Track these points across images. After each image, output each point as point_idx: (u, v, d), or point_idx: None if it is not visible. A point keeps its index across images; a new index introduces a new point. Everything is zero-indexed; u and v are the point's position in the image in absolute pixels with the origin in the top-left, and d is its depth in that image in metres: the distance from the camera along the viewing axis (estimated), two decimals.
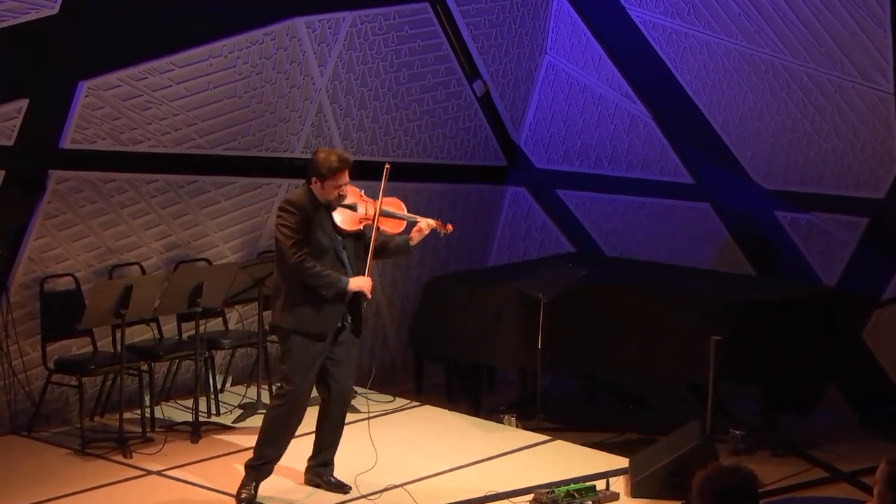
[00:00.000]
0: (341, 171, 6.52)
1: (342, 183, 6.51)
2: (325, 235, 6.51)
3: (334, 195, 6.52)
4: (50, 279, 8.10)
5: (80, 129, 8.12)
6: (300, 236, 6.49)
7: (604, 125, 10.08)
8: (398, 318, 10.05)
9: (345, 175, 6.54)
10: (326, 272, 6.51)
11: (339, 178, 6.50)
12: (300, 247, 6.46)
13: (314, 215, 6.49)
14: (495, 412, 8.79)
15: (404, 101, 9.75)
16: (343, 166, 6.54)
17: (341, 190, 6.53)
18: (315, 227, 6.50)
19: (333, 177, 6.49)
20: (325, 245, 6.51)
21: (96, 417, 8.28)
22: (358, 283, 6.58)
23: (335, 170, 6.49)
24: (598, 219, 10.23)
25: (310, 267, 6.48)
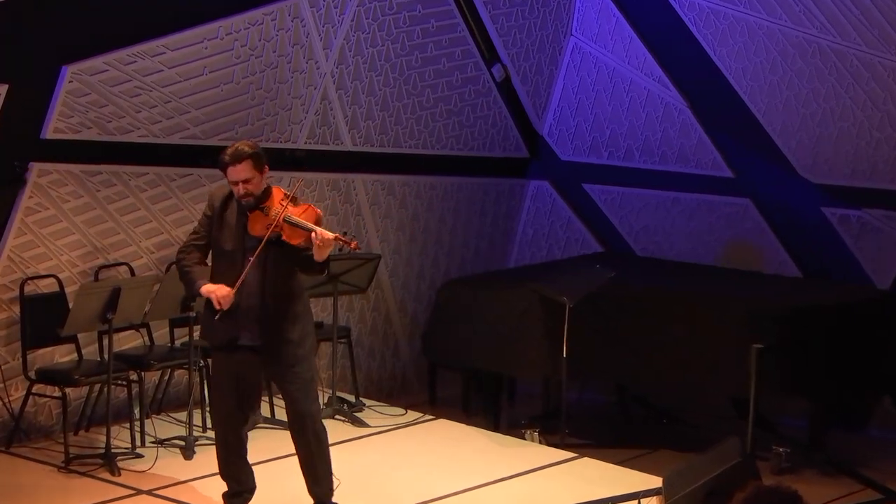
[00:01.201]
0: (228, 165, 6.31)
1: (235, 179, 6.31)
2: (229, 237, 6.37)
3: (236, 194, 6.41)
4: (31, 281, 8.08)
5: (63, 118, 8.11)
6: (202, 230, 6.51)
7: (635, 113, 10.05)
8: (410, 324, 10.02)
9: (234, 172, 6.29)
10: (188, 269, 6.46)
11: (229, 174, 6.32)
12: (192, 240, 6.52)
13: (225, 212, 6.41)
14: (516, 427, 8.76)
15: (417, 88, 9.73)
16: (229, 161, 6.31)
17: (238, 188, 6.32)
18: (222, 225, 6.41)
19: (225, 173, 6.39)
20: (225, 248, 6.39)
21: (81, 432, 8.26)
22: (209, 288, 6.34)
23: (223, 166, 6.36)
24: (629, 215, 10.20)
25: (179, 260, 6.53)
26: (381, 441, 8.28)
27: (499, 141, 10.34)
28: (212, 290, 6.33)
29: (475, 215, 10.36)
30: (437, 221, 10.13)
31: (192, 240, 6.57)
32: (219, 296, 6.30)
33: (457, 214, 10.24)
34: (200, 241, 6.52)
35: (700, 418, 9.07)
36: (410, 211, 9.93)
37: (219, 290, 6.32)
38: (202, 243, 6.51)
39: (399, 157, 9.78)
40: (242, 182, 6.33)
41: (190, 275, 6.47)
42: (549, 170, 10.50)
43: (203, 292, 6.39)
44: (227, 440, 6.54)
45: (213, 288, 6.34)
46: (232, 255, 6.38)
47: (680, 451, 8.32)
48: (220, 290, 6.31)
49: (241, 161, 6.32)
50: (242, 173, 6.33)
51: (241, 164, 6.31)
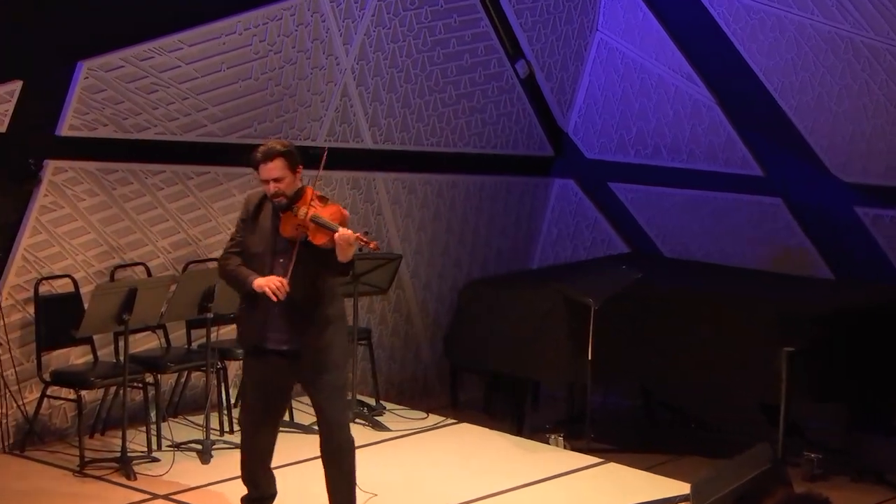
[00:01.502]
0: (260, 163, 6.30)
1: (266, 178, 6.28)
2: (260, 239, 6.36)
3: (268, 193, 6.40)
4: (45, 281, 8.10)
5: (78, 115, 8.12)
6: (238, 236, 6.49)
7: (662, 111, 10.03)
8: (432, 325, 10.02)
9: (266, 170, 6.28)
10: (234, 269, 6.41)
11: (261, 172, 6.30)
12: (230, 248, 6.49)
13: (259, 215, 6.39)
14: (540, 431, 8.76)
15: (439, 84, 9.72)
16: (261, 159, 6.31)
17: (269, 187, 6.30)
18: (255, 227, 6.40)
19: (257, 171, 6.36)
20: (255, 250, 6.37)
21: (96, 435, 8.28)
22: (261, 281, 6.28)
23: (254, 164, 6.35)
24: (656, 215, 10.18)
25: (223, 266, 6.48)
26: (401, 445, 8.28)
27: (522, 139, 10.33)
28: (264, 283, 6.24)
29: (498, 214, 10.35)
30: (460, 221, 10.12)
31: (229, 248, 6.52)
32: (273, 287, 6.21)
33: (479, 214, 10.23)
34: (237, 247, 6.47)
35: (728, 423, 9.03)
36: (432, 210, 9.92)
37: (270, 280, 6.24)
38: (239, 250, 6.46)
39: (420, 155, 9.78)
40: (273, 181, 6.30)
41: (238, 274, 6.39)
42: (574, 168, 10.48)
43: (256, 286, 6.27)
44: (251, 445, 6.52)
45: (264, 280, 6.26)
46: (260, 257, 6.34)
47: (708, 457, 8.28)
48: (272, 281, 6.23)
49: (273, 159, 6.29)
50: (274, 171, 6.29)
51: (272, 163, 6.28)
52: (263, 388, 6.42)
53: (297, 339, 6.32)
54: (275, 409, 6.51)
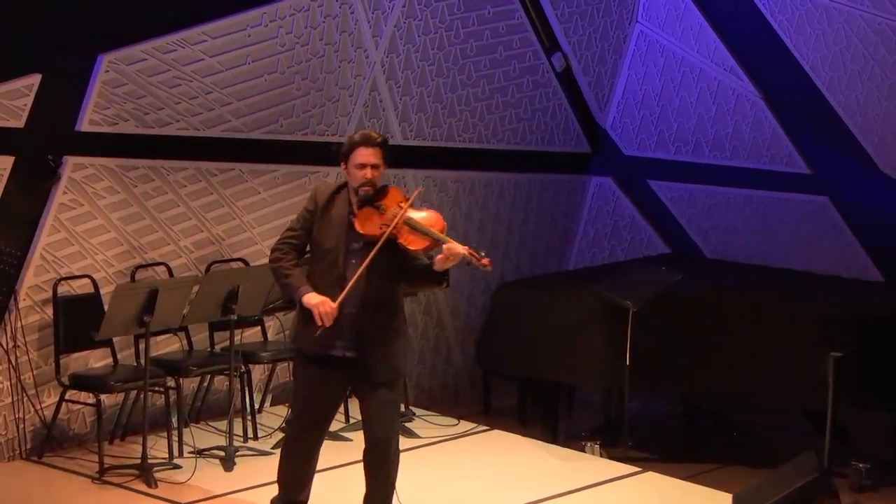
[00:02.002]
0: (359, 146, 6.24)
1: (364, 162, 6.23)
2: (331, 234, 6.26)
3: (357, 181, 6.32)
4: (64, 281, 8.14)
5: (99, 109, 8.16)
6: (300, 228, 6.36)
7: (704, 105, 10.01)
8: (463, 329, 10.02)
9: (366, 154, 6.22)
10: (287, 274, 6.29)
11: (358, 155, 6.22)
12: (289, 237, 6.36)
13: (330, 209, 6.30)
14: (576, 438, 8.75)
15: (472, 78, 9.72)
16: (363, 141, 6.26)
17: (365, 172, 6.22)
18: (326, 222, 6.29)
19: (351, 154, 6.26)
20: (325, 246, 6.27)
21: (116, 441, 8.32)
22: (311, 301, 6.18)
23: (353, 145, 6.26)
24: (697, 214, 10.16)
25: (276, 261, 6.35)
26: (431, 453, 8.28)
27: (558, 135, 10.31)
28: (315, 304, 6.16)
29: (533, 214, 10.34)
30: (493, 220, 10.11)
31: (287, 237, 6.39)
32: (322, 312, 6.14)
33: (513, 213, 10.22)
34: (297, 239, 6.36)
35: (772, 430, 9.01)
36: (464, 209, 9.92)
37: (322, 304, 6.14)
38: (298, 242, 6.35)
39: (452, 152, 9.78)
40: (371, 167, 6.24)
41: (289, 280, 6.29)
42: (612, 165, 10.47)
43: (305, 303, 6.20)
44: (300, 453, 6.45)
45: (316, 301, 6.15)
46: (331, 253, 6.25)
47: (751, 467, 8.27)
48: (323, 306, 6.14)
49: (373, 145, 6.27)
50: (373, 157, 6.25)
51: (372, 148, 6.26)
52: (319, 395, 6.34)
53: (363, 347, 6.24)
54: (327, 416, 6.46)
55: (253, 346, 8.69)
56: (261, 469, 7.86)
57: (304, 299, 6.21)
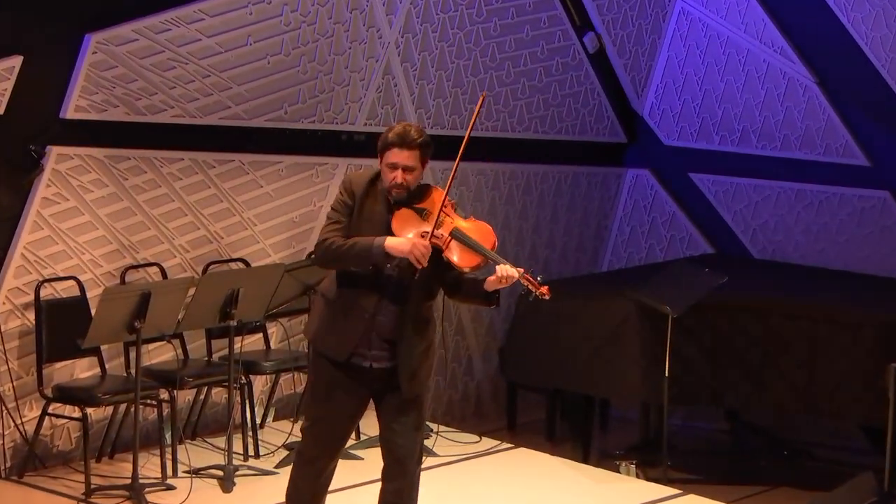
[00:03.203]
0: (394, 147, 6.11)
1: (396, 163, 6.11)
2: (369, 232, 6.14)
3: (388, 182, 6.26)
4: (47, 284, 8.15)
5: (85, 95, 8.17)
6: (343, 219, 6.20)
7: (752, 90, 10.00)
8: (486, 336, 10.02)
9: (399, 154, 6.11)
10: (349, 243, 6.10)
11: (392, 155, 6.11)
12: (329, 230, 6.17)
13: (366, 203, 6.28)
14: (610, 458, 8.76)
15: (495, 61, 9.71)
16: (396, 142, 6.13)
17: (396, 175, 6.11)
18: (362, 218, 6.19)
19: (385, 153, 6.15)
20: None
21: (104, 459, 8.32)
22: (399, 244, 5.98)
23: (386, 145, 6.14)
24: (744, 210, 10.15)
25: (329, 244, 6.13)
26: (451, 473, 8.28)
27: (591, 123, 10.30)
28: (408, 248, 5.93)
29: (562, 210, 10.33)
30: (518, 217, 10.11)
31: (331, 229, 6.20)
32: (418, 253, 5.95)
33: (541, 208, 10.22)
34: (342, 230, 6.19)
35: (827, 449, 8.99)
36: (487, 204, 9.92)
37: (415, 246, 5.95)
38: (343, 233, 6.18)
39: (474, 142, 9.72)
40: (403, 170, 6.14)
41: (356, 244, 6.08)
42: (650, 156, 10.47)
43: (393, 250, 5.98)
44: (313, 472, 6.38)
45: (407, 244, 5.95)
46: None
47: (804, 489, 8.27)
48: (417, 246, 5.95)
49: (412, 147, 6.13)
50: (409, 160, 6.13)
51: (409, 151, 6.12)
52: (345, 408, 6.30)
53: (396, 359, 6.15)
54: (348, 431, 6.43)
55: (254, 356, 8.69)
56: (263, 490, 7.87)
57: (388, 248, 6.01)
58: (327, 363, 6.30)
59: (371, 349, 6.17)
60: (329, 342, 6.24)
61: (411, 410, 6.23)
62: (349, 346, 6.16)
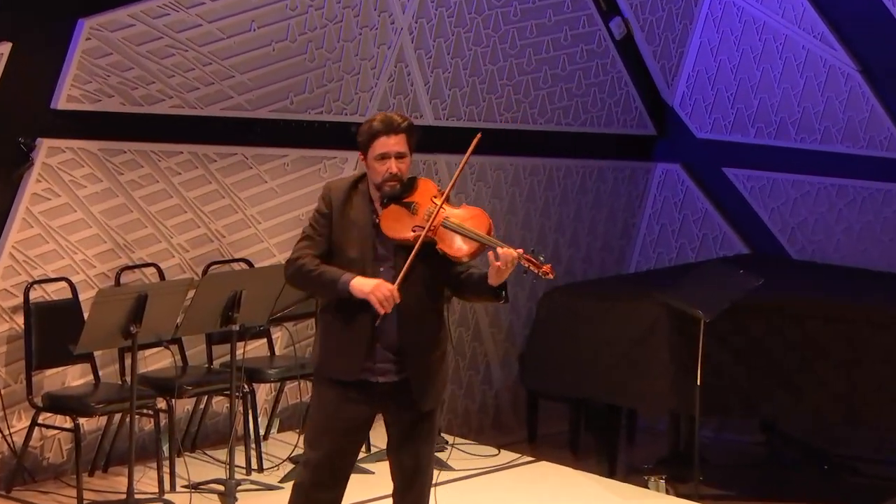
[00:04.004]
0: (381, 135, 6.05)
1: (387, 152, 6.04)
2: (355, 242, 6.09)
3: (380, 177, 6.21)
4: (38, 285, 8.16)
5: (78, 84, 8.18)
6: (317, 235, 6.14)
7: (790, 80, 9.99)
8: (505, 342, 10.01)
9: (388, 143, 6.06)
10: (317, 268, 6.07)
11: (381, 145, 6.04)
12: (304, 247, 6.13)
13: (348, 210, 6.12)
14: (637, 472, 8.76)
15: (515, 48, 9.70)
16: (384, 128, 6.08)
17: (390, 165, 6.05)
18: (346, 226, 6.11)
19: (372, 145, 6.07)
20: (351, 255, 6.07)
21: (98, 472, 8.33)
22: (363, 285, 5.96)
23: (373, 134, 6.08)
24: (781, 208, 10.14)
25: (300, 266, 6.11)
26: (468, 488, 8.28)
27: (618, 114, 10.29)
28: (370, 290, 5.91)
29: (587, 207, 10.32)
30: (540, 215, 10.10)
31: (303, 246, 6.17)
32: (381, 297, 5.91)
33: (564, 206, 10.21)
34: (315, 248, 6.15)
35: (870, 463, 8.98)
36: (506, 201, 9.91)
37: (379, 288, 5.93)
38: (317, 251, 6.14)
39: (493, 134, 9.77)
40: (396, 157, 6.08)
41: (323, 274, 6.06)
42: (681, 150, 10.47)
43: (356, 290, 5.96)
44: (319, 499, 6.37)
45: (370, 286, 5.92)
46: (357, 264, 6.07)
47: None
48: (380, 290, 5.92)
49: (398, 131, 6.10)
50: (398, 145, 6.09)
51: (396, 136, 6.09)
52: (353, 430, 6.21)
53: (407, 369, 6.07)
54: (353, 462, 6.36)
55: (258, 362, 8.69)
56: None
57: (353, 288, 5.98)
58: (329, 390, 6.19)
59: (376, 362, 6.05)
60: (336, 364, 6.09)
61: (423, 424, 6.17)
62: (357, 363, 6.06)
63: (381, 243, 6.06)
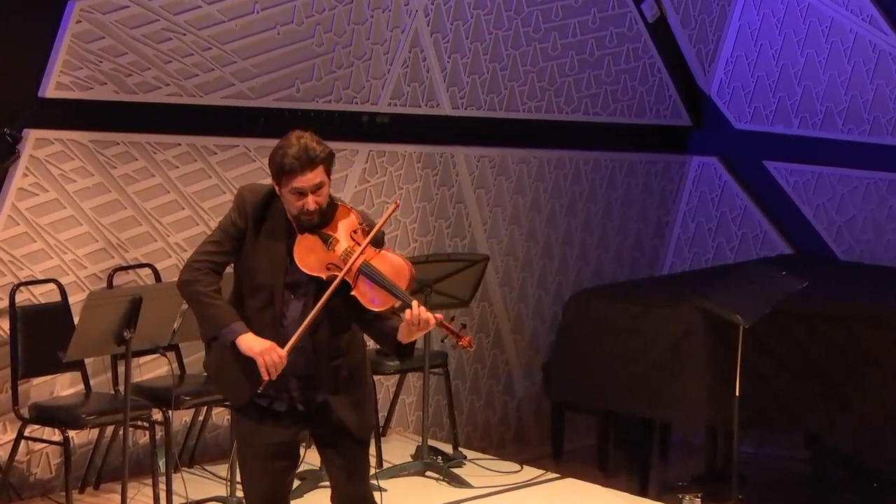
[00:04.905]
0: (293, 173, 5.87)
1: (304, 188, 5.87)
2: (265, 264, 5.99)
3: (296, 210, 5.97)
4: (24, 287, 8.17)
5: (68, 70, 8.19)
6: (227, 242, 6.04)
7: (837, 66, 9.98)
8: (528, 349, 10.01)
9: (303, 178, 5.87)
10: (212, 301, 5.96)
11: (292, 181, 5.88)
12: (209, 254, 6.03)
13: (264, 223, 6.01)
14: (671, 490, 8.75)
15: (539, 31, 9.70)
16: (298, 166, 5.88)
17: (307, 202, 5.88)
18: (258, 245, 6.02)
19: (288, 180, 5.89)
20: (261, 279, 6.00)
21: (89, 489, 8.33)
22: (252, 346, 5.89)
23: (284, 171, 5.90)
24: (827, 204, 10.14)
25: (188, 280, 6.01)
26: None
27: (650, 103, 10.28)
28: (259, 352, 5.87)
29: (617, 203, 10.31)
30: (566, 212, 10.09)
31: (207, 252, 6.07)
32: (269, 362, 5.87)
33: (592, 202, 10.20)
34: (220, 257, 6.06)
35: None
36: (529, 197, 9.90)
37: (269, 352, 5.88)
38: (221, 261, 6.07)
39: (514, 125, 9.76)
40: (313, 193, 5.92)
41: (215, 312, 5.99)
42: (719, 142, 10.46)
43: (244, 348, 5.90)
44: None
45: (259, 348, 5.88)
46: (266, 290, 6.01)
47: None
48: (270, 354, 5.87)
49: (315, 164, 5.92)
50: (315, 178, 5.93)
51: (313, 171, 5.91)
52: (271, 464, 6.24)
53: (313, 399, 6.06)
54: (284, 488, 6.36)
55: None
56: None
57: (240, 343, 5.92)
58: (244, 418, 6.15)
59: (285, 390, 6.02)
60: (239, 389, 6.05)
61: (345, 448, 6.13)
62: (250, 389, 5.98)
63: (293, 269, 5.97)
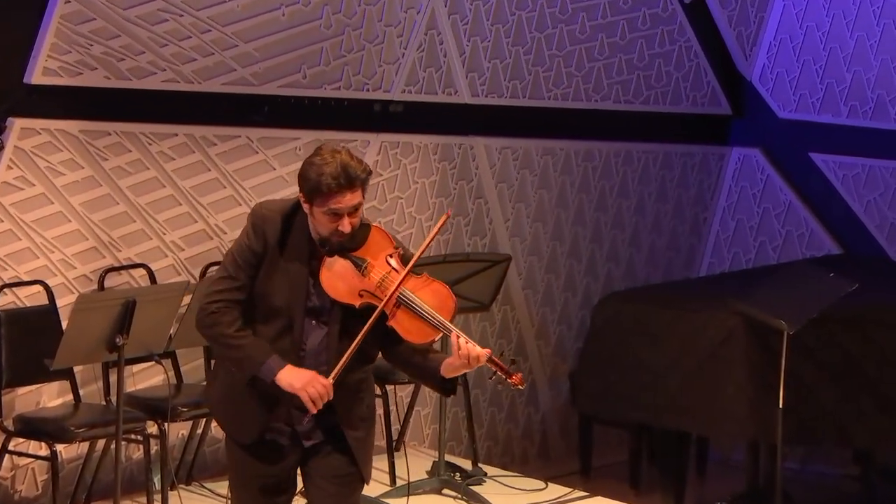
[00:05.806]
0: (333, 194, 5.78)
1: (342, 209, 5.79)
2: (284, 286, 5.88)
3: (327, 231, 6.16)
4: (8, 289, 8.18)
5: (56, 54, 8.19)
6: (243, 274, 5.91)
7: (889, 50, 9.98)
8: (554, 357, 10.01)
9: (345, 199, 5.78)
10: (240, 340, 5.86)
11: (334, 201, 5.78)
12: (226, 291, 5.89)
13: (284, 247, 5.91)
14: None
15: (566, 12, 9.69)
16: (338, 188, 5.77)
17: (343, 223, 5.81)
18: (277, 266, 5.90)
19: (323, 201, 5.80)
20: (275, 302, 5.89)
21: None
22: (294, 379, 5.80)
23: (326, 191, 5.78)
24: (879, 200, 10.13)
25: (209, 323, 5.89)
26: None
27: (686, 90, 10.28)
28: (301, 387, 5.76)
29: (650, 199, 10.31)
30: (595, 208, 10.09)
31: (223, 287, 5.94)
32: (314, 394, 5.75)
33: (624, 197, 10.19)
34: (235, 293, 5.93)
35: None
36: (555, 191, 9.90)
37: (312, 384, 5.76)
38: (236, 297, 5.93)
39: (539, 114, 9.76)
40: (349, 215, 5.83)
41: (246, 351, 5.87)
42: (761, 132, 10.46)
43: (284, 384, 5.79)
44: None
45: (300, 383, 5.77)
46: (284, 314, 5.91)
47: None
48: (314, 386, 5.76)
49: (356, 187, 5.80)
50: (355, 199, 5.81)
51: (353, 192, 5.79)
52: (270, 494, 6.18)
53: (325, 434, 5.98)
54: None
55: None
56: None
57: (280, 381, 5.81)
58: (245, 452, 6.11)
59: (295, 424, 5.94)
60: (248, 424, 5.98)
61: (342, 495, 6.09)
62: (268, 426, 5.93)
63: (316, 293, 5.89)
